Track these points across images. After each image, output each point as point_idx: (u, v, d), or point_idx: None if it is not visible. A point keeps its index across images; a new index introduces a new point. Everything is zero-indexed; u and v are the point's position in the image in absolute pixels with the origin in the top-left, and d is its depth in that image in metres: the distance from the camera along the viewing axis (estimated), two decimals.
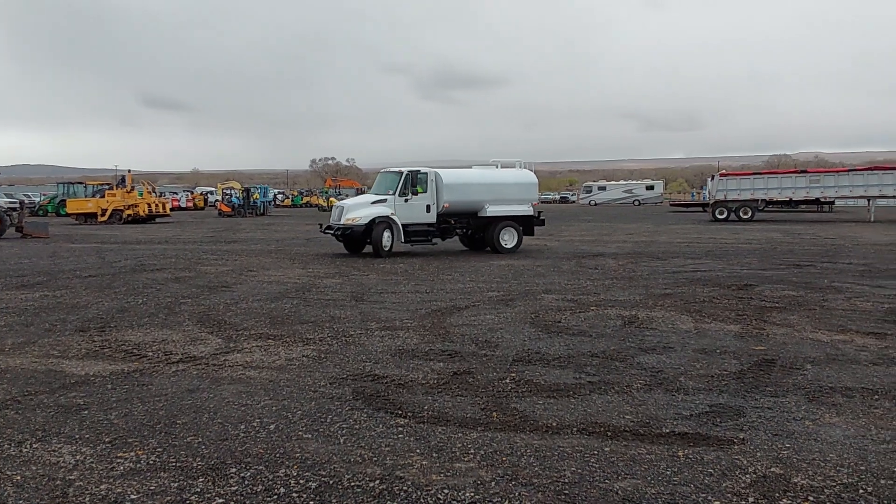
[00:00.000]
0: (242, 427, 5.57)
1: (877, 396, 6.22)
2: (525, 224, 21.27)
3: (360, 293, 12.61)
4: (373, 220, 19.27)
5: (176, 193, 73.01)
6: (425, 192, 19.89)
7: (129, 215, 40.35)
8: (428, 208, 19.92)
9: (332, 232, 20.02)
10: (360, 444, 5.14)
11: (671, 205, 72.96)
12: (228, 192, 55.06)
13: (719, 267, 16.73)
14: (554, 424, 5.54)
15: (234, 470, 4.73)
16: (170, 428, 5.56)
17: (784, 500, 4.17)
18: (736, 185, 43.91)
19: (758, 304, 11.15)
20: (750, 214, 42.84)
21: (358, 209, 19.65)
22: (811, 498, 4.20)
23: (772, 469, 4.62)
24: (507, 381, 6.80)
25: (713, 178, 47.13)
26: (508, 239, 20.76)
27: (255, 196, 54.18)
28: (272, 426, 5.57)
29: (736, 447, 5.02)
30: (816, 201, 44.70)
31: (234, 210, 51.12)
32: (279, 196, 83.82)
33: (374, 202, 19.72)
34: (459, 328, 9.41)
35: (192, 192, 76.24)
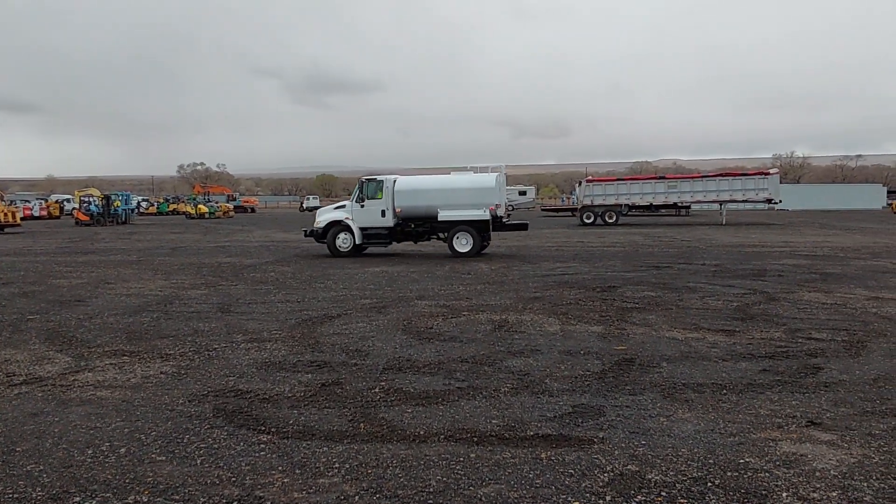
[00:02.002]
0: (90, 452, 5.19)
1: (725, 391, 6.59)
2: (481, 228, 21.30)
3: (226, 304, 12.15)
4: (330, 224, 21.66)
5: (28, 201, 67.93)
6: (381, 198, 21.28)
7: None
8: (383, 213, 21.34)
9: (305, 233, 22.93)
10: (219, 465, 4.91)
11: (542, 210, 75.22)
12: (87, 199, 51.85)
13: (586, 270, 17.35)
14: (421, 433, 5.51)
15: (77, 499, 4.39)
16: (8, 456, 5.12)
17: (639, 497, 4.32)
18: (601, 190, 45.89)
19: (620, 306, 11.62)
20: (615, 218, 44.87)
21: (322, 214, 22.44)
22: (664, 493, 4.36)
23: (628, 466, 4.78)
24: (377, 390, 6.71)
25: (581, 183, 49.02)
26: (465, 243, 21.19)
27: (116, 203, 51.41)
28: (123, 450, 5.22)
29: (596, 446, 5.17)
30: (675, 205, 47.42)
31: (92, 219, 48.29)
32: (143, 203, 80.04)
33: (336, 207, 22.36)
34: (330, 337, 9.23)
35: (46, 200, 71.30)
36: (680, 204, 46.93)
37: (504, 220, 21.76)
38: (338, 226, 21.71)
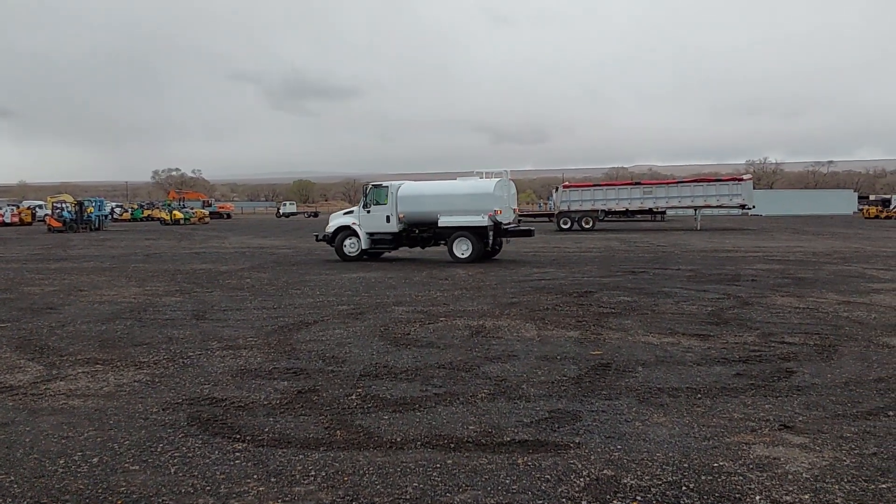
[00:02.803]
0: (62, 462, 5.12)
1: (699, 395, 6.65)
2: (481, 234, 21.03)
3: (201, 311, 12.04)
4: (339, 229, 22.15)
5: None
6: (387, 203, 21.50)
7: None
8: (388, 218, 21.56)
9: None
10: (193, 473, 4.86)
11: (520, 215, 75.36)
12: (59, 205, 51.20)
13: (562, 275, 17.43)
14: (398, 440, 5.50)
15: None
16: None
17: (614, 502, 4.34)
18: (578, 196, 46.17)
19: (596, 311, 11.68)
20: (591, 224, 45.15)
21: (333, 219, 22.82)
22: (639, 497, 4.39)
23: (604, 471, 4.81)
24: (353, 397, 6.69)
25: (557, 189, 49.27)
26: (465, 249, 21.10)
27: (89, 210, 50.72)
28: (95, 459, 5.15)
29: (572, 451, 5.19)
30: (650, 211, 47.79)
31: (65, 225, 47.57)
32: (117, 209, 79.11)
33: (345, 213, 22.80)
34: (306, 344, 9.19)
35: (17, 207, 70.17)
36: (655, 209, 47.29)
37: (506, 225, 21.39)
38: (346, 231, 22.11)
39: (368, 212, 21.67)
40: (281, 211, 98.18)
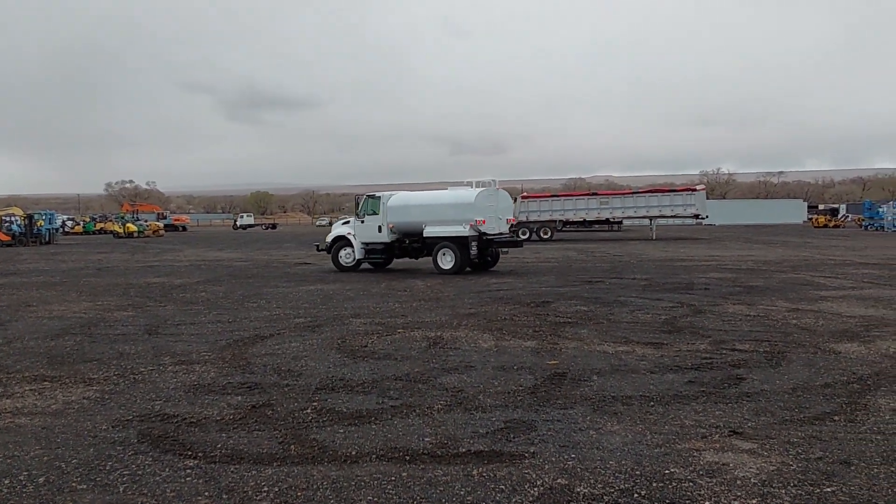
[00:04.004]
0: (6, 482, 4.97)
1: (652, 403, 6.75)
2: (464, 244, 20.64)
3: (154, 326, 11.83)
4: (335, 239, 22.55)
5: None
6: (379, 214, 21.59)
7: None
8: (380, 229, 21.68)
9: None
10: (143, 492, 4.76)
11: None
12: (8, 218, 49.86)
13: (520, 285, 17.54)
14: (353, 453, 5.47)
15: None
16: None
17: None
18: (536, 206, 46.63)
19: (553, 320, 11.78)
20: (549, 234, 45.59)
21: (333, 230, 23.23)
22: None
23: (558, 480, 4.84)
24: (309, 410, 6.63)
25: (516, 200, 49.64)
26: (449, 260, 20.90)
27: (39, 223, 49.54)
28: (41, 479, 5.02)
29: (526, 461, 5.22)
30: (607, 221, 48.45)
31: (14, 239, 46.36)
32: (69, 223, 77.41)
33: (343, 223, 23.10)
34: (261, 358, 9.08)
35: None
36: (612, 219, 48.00)
37: (492, 236, 20.95)
38: (342, 241, 22.43)
39: (363, 222, 21.84)
40: (238, 223, 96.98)
